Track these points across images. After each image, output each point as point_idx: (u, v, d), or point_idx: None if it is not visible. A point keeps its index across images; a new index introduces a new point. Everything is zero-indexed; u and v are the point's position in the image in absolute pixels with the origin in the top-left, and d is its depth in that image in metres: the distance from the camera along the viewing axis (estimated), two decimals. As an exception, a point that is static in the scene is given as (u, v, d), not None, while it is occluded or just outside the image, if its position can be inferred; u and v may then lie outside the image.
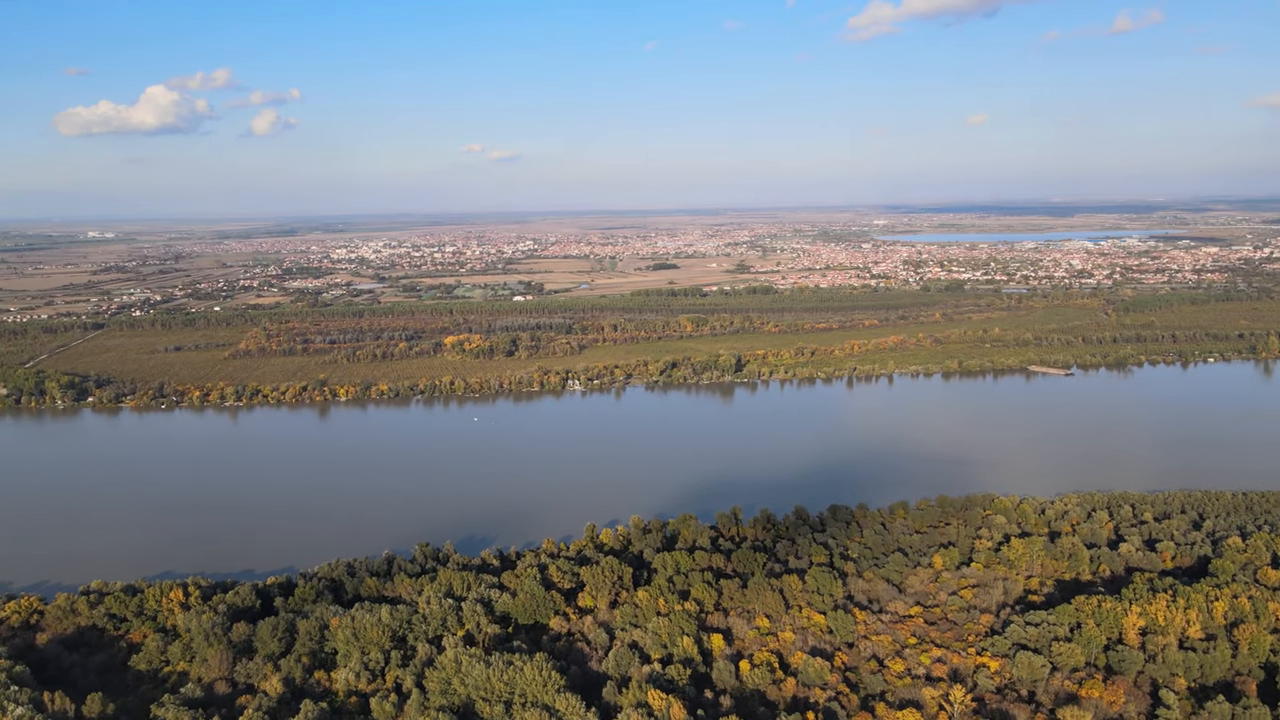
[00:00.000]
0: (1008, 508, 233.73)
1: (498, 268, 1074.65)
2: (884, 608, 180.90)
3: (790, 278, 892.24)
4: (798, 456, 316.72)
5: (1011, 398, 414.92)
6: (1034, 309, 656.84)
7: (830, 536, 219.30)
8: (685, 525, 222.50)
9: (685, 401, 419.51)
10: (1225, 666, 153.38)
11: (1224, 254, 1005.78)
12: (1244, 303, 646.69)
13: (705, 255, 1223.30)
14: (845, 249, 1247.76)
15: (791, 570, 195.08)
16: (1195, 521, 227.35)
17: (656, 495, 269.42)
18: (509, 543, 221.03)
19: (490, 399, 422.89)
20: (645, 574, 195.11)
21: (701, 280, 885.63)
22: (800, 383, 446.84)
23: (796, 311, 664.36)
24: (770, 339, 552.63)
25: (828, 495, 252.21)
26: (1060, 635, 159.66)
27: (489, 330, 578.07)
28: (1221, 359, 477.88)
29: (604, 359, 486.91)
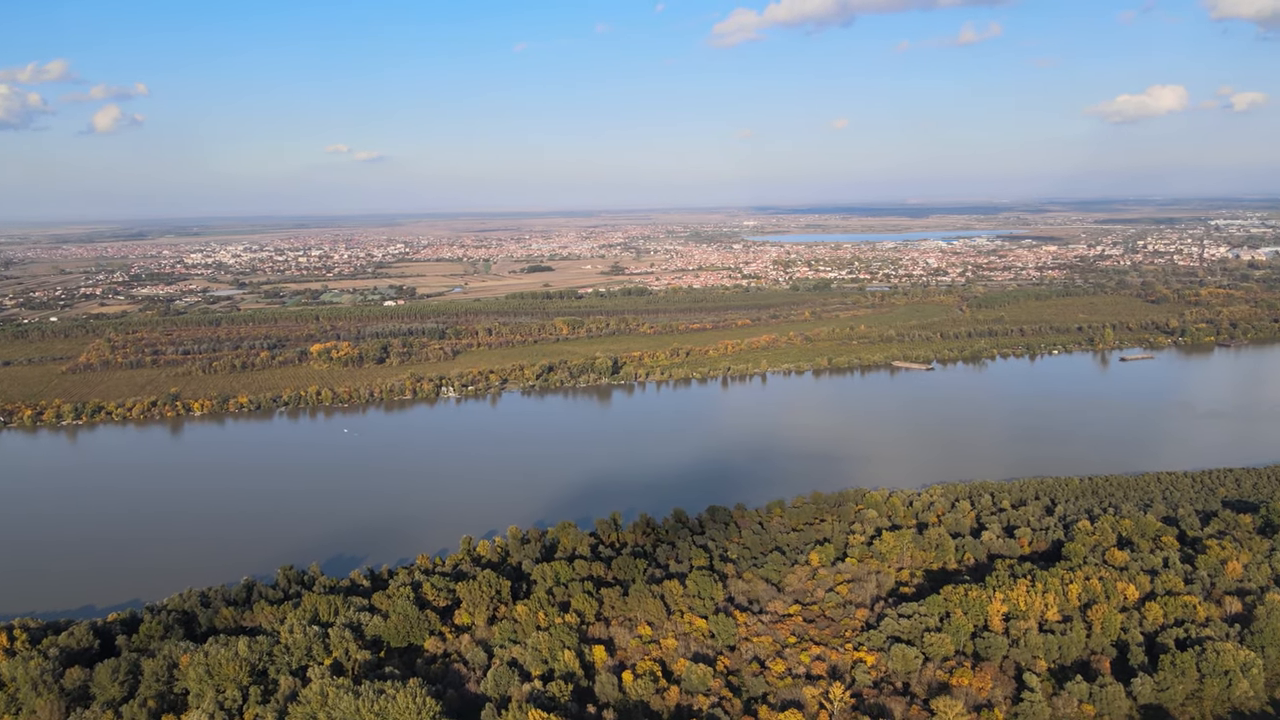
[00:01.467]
0: (878, 502, 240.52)
1: (367, 272, 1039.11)
2: (764, 608, 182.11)
3: (664, 279, 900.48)
4: (676, 458, 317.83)
5: (878, 393, 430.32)
6: (896, 306, 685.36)
7: (710, 538, 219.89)
8: (565, 533, 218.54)
9: (563, 406, 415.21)
10: (1081, 646, 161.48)
11: (1062, 252, 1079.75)
12: (1081, 297, 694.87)
13: (580, 257, 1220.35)
14: (717, 250, 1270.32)
15: (672, 575, 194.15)
16: (1048, 507, 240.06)
17: (536, 503, 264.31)
18: (381, 561, 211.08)
19: (360, 409, 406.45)
20: (524, 586, 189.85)
21: (577, 282, 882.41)
22: (676, 383, 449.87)
23: (671, 312, 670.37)
24: (646, 340, 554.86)
25: (707, 496, 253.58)
26: (931, 625, 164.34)
27: (358, 337, 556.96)
28: (1064, 351, 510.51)
29: (479, 364, 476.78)
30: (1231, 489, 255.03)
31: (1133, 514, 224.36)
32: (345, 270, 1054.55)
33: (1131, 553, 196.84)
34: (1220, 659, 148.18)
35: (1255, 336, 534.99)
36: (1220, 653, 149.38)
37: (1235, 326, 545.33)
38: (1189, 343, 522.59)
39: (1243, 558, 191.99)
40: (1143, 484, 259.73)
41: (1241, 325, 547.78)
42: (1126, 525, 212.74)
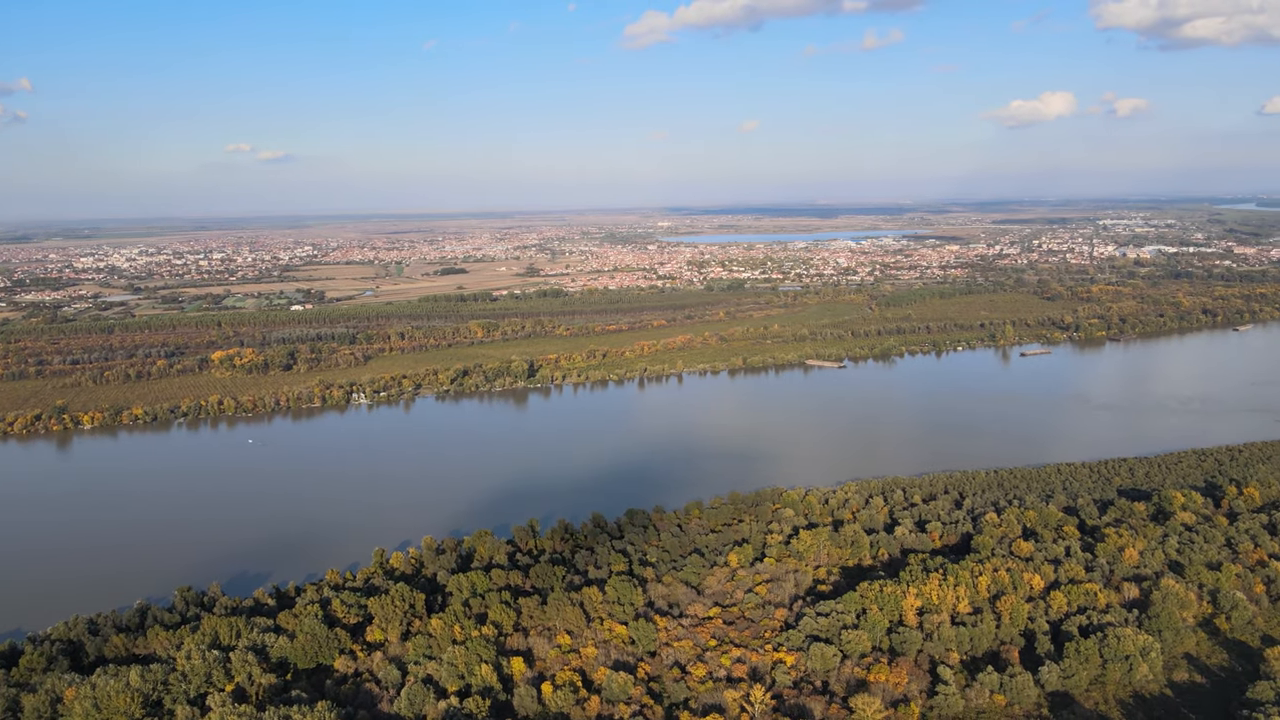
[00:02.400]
0: (795, 500, 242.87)
1: (273, 275, 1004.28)
2: (684, 611, 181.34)
3: (580, 280, 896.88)
4: (594, 461, 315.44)
5: (793, 392, 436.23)
6: (808, 305, 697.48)
7: (629, 542, 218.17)
8: (481, 542, 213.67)
9: (478, 410, 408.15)
10: (991, 637, 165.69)
11: (964, 251, 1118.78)
12: (983, 295, 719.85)
13: (495, 259, 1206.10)
14: (632, 251, 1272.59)
15: (591, 581, 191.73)
16: (957, 500, 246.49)
17: (452, 512, 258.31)
18: (288, 578, 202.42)
19: (266, 418, 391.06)
20: (440, 599, 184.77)
21: (491, 284, 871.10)
22: (593, 385, 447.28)
23: (587, 314, 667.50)
24: (562, 342, 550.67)
25: (626, 499, 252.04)
26: (848, 623, 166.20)
27: (263, 343, 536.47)
28: (968, 347, 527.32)
29: (391, 369, 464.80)
30: (1126, 478, 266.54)
31: (1036, 505, 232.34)
32: (249, 274, 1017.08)
33: (1036, 543, 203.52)
34: (1121, 644, 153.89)
35: (1143, 331, 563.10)
36: (1121, 638, 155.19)
37: (1124, 322, 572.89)
38: (1083, 338, 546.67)
39: (1138, 544, 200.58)
40: (1044, 475, 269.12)
41: (1130, 320, 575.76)
42: (1031, 516, 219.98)
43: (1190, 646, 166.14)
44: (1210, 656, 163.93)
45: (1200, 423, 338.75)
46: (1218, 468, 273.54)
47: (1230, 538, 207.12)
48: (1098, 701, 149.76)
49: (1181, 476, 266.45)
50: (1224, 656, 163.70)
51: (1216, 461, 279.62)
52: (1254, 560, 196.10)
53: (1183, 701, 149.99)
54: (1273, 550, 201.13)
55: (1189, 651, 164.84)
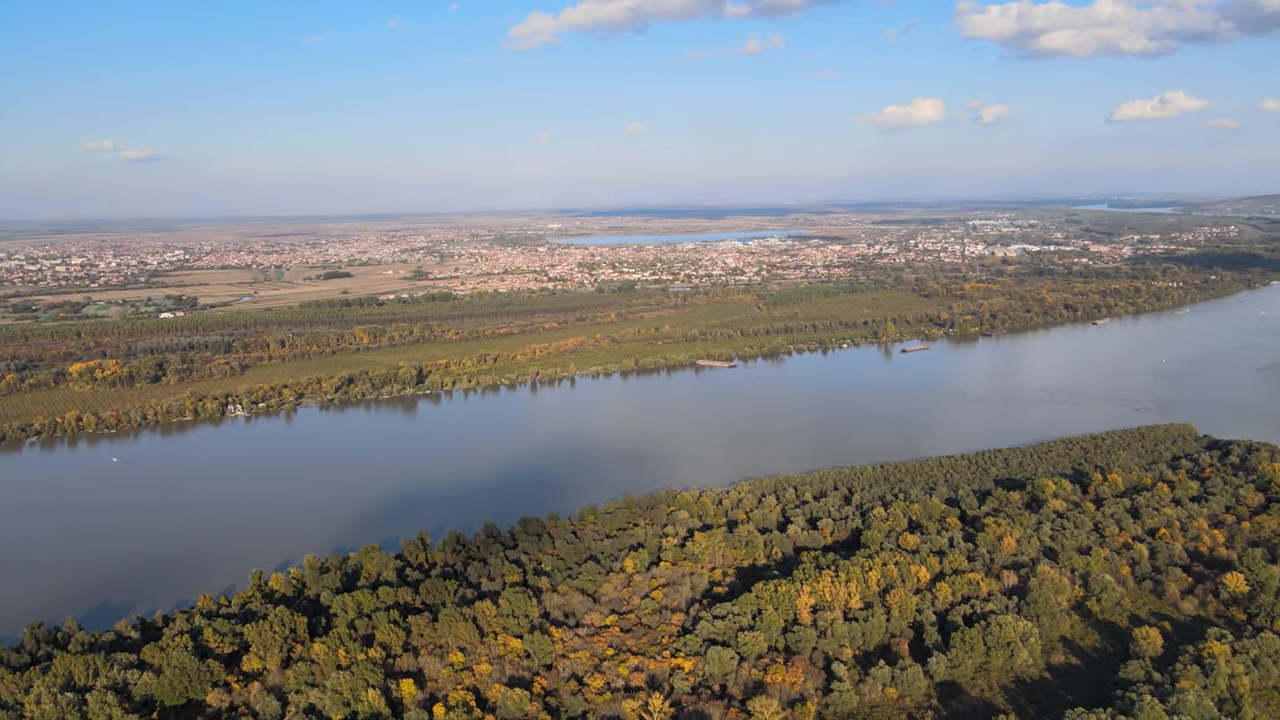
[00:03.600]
0: (689, 502, 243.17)
1: (140, 281, 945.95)
2: (580, 621, 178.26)
3: (469, 283, 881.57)
4: (487, 469, 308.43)
5: (685, 392, 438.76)
6: (698, 306, 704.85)
7: (523, 552, 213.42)
8: (368, 559, 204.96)
9: (365, 419, 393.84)
10: (882, 631, 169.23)
11: (846, 251, 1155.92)
12: (865, 293, 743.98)
13: (381, 262, 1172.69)
14: (522, 253, 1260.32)
15: (485, 595, 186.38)
16: (846, 496, 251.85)
17: (337, 527, 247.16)
18: (154, 607, 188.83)
19: (132, 434, 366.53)
20: (324, 621, 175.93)
21: (378, 288, 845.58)
22: (485, 390, 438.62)
23: (477, 317, 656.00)
24: (452, 347, 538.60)
25: (520, 506, 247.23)
26: (744, 624, 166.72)
27: (129, 354, 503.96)
28: (852, 344, 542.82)
29: (271, 378, 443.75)
30: (1001, 468, 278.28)
31: (921, 498, 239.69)
32: (113, 280, 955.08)
33: (921, 536, 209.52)
34: (1003, 631, 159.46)
35: (1012, 326, 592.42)
36: (1002, 625, 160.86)
37: (995, 317, 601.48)
38: (958, 333, 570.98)
39: (1015, 533, 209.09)
40: (927, 469, 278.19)
41: (1000, 316, 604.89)
42: (916, 510, 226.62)
43: (1065, 630, 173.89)
44: (1084, 638, 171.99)
45: (1066, 413, 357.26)
46: (1084, 455, 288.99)
47: (1098, 522, 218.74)
48: (983, 689, 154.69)
49: (1052, 465, 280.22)
50: (1096, 638, 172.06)
51: (1082, 449, 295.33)
52: (1120, 543, 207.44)
53: (1060, 684, 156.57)
54: (1136, 533, 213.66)
55: (1064, 634, 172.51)
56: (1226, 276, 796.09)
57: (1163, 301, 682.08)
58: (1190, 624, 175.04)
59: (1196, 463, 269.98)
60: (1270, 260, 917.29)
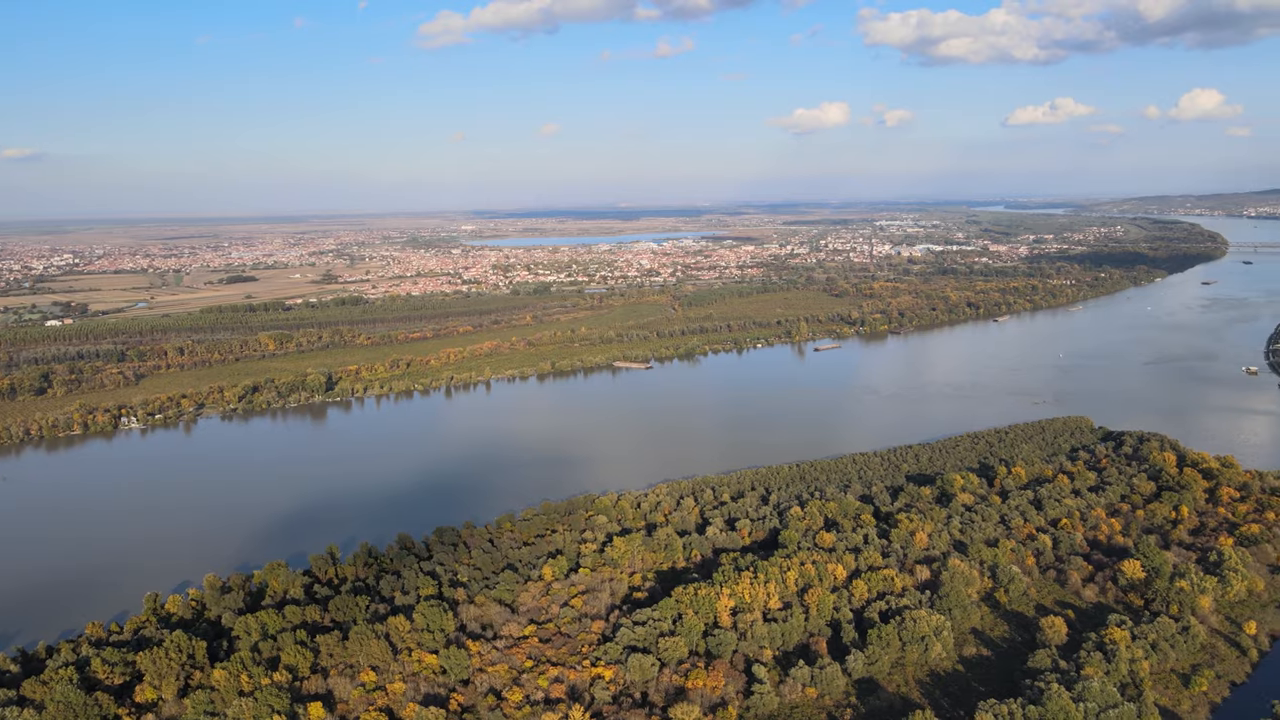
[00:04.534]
0: (608, 506, 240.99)
1: (24, 287, 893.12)
2: (498, 633, 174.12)
3: (381, 286, 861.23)
4: (401, 478, 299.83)
5: (602, 394, 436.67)
6: (614, 307, 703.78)
7: (438, 563, 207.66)
8: (274, 576, 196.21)
9: (271, 429, 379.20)
10: (801, 630, 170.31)
11: (759, 251, 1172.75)
12: (778, 293, 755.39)
13: (288, 265, 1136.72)
14: (436, 255, 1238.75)
15: (399, 609, 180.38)
16: (764, 496, 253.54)
17: (240, 544, 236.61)
18: (36, 638, 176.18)
19: (13, 450, 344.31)
20: (225, 645, 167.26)
21: (285, 293, 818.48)
22: (398, 396, 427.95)
23: (389, 321, 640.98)
24: (363, 352, 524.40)
25: (435, 516, 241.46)
26: (665, 629, 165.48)
27: (10, 364, 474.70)
28: (766, 344, 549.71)
29: (169, 388, 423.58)
30: (912, 464, 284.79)
31: (836, 496, 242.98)
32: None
33: (838, 534, 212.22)
34: (917, 626, 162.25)
35: (919, 324, 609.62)
36: (917, 620, 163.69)
37: (903, 316, 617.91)
38: (868, 332, 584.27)
39: (927, 527, 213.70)
40: (842, 466, 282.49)
41: (908, 314, 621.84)
42: (831, 508, 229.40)
43: (976, 621, 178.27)
44: (994, 629, 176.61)
45: (972, 407, 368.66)
46: (989, 449, 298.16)
47: (1004, 515, 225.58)
48: (899, 684, 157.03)
49: (960, 459, 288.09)
50: (1005, 628, 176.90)
51: (988, 443, 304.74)
52: (1024, 534, 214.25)
53: (973, 675, 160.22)
54: (1039, 524, 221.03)
55: (975, 626, 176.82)
56: (1115, 274, 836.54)
57: (1058, 299, 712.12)
58: (1092, 611, 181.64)
59: (1093, 454, 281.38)
60: (1154, 259, 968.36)
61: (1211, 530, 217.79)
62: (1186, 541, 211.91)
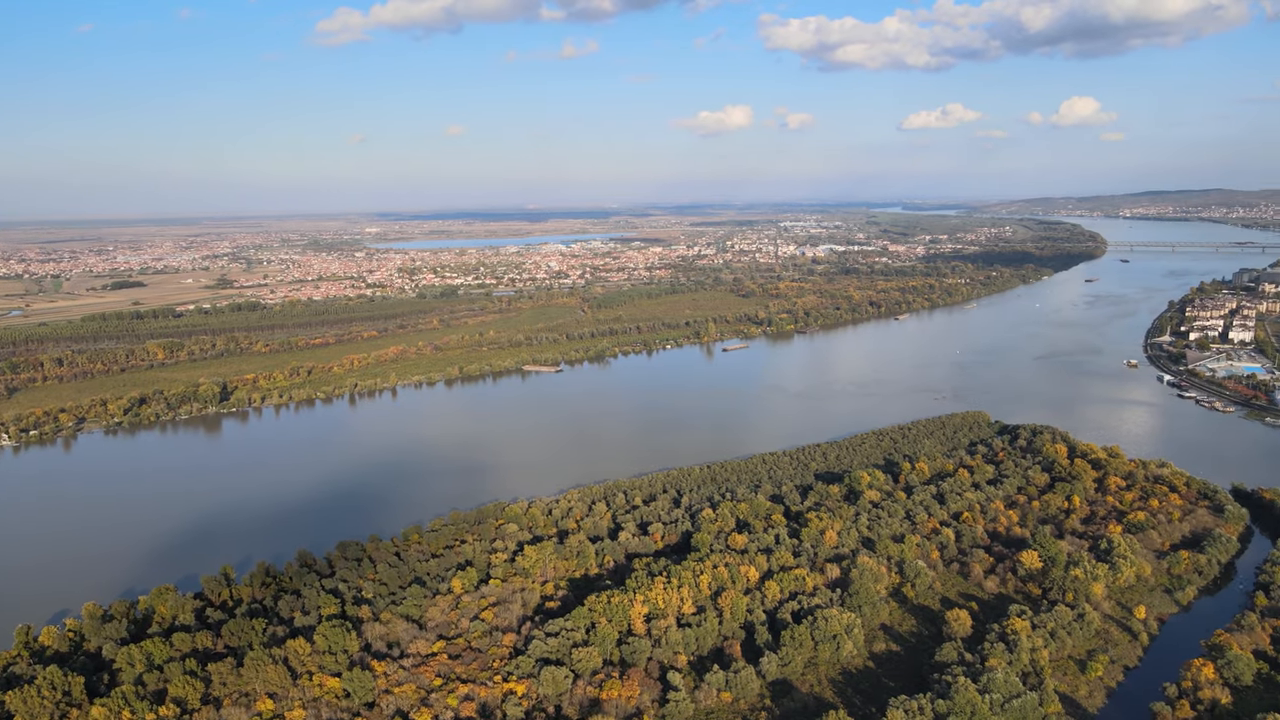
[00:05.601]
0: (519, 514, 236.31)
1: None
2: (405, 651, 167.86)
3: (280, 291, 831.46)
4: (301, 491, 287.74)
5: (512, 399, 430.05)
6: (523, 310, 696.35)
7: (341, 580, 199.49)
8: (162, 601, 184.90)
9: (160, 443, 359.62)
10: (715, 635, 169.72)
11: (667, 253, 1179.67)
12: (686, 294, 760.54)
13: (179, 270, 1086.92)
14: (338, 258, 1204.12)
15: (298, 631, 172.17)
16: (676, 499, 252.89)
17: (125, 568, 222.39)
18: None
19: None
20: (106, 679, 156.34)
21: (176, 299, 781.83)
22: (299, 406, 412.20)
23: (289, 327, 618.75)
24: (261, 360, 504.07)
25: (338, 531, 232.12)
26: (578, 640, 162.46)
27: None
28: (676, 345, 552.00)
29: (45, 402, 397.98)
30: (820, 462, 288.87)
31: (747, 496, 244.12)
32: None
33: (749, 535, 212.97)
34: (829, 625, 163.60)
35: (824, 323, 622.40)
36: (828, 619, 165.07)
37: (809, 315, 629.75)
38: (775, 331, 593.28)
39: (836, 525, 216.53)
40: (752, 466, 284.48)
41: (813, 314, 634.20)
42: (743, 509, 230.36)
43: (885, 617, 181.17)
44: (902, 624, 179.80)
45: (877, 405, 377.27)
46: (894, 445, 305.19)
47: (909, 510, 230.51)
48: (812, 684, 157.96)
49: (866, 456, 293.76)
50: (913, 623, 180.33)
51: (892, 440, 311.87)
52: (929, 529, 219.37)
53: (883, 672, 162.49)
54: (943, 518, 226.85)
55: (884, 622, 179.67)
56: (1006, 272, 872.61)
57: (953, 297, 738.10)
58: (994, 602, 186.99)
59: (991, 447, 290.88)
60: (1040, 258, 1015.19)
61: (1101, 519, 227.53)
62: (1079, 530, 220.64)
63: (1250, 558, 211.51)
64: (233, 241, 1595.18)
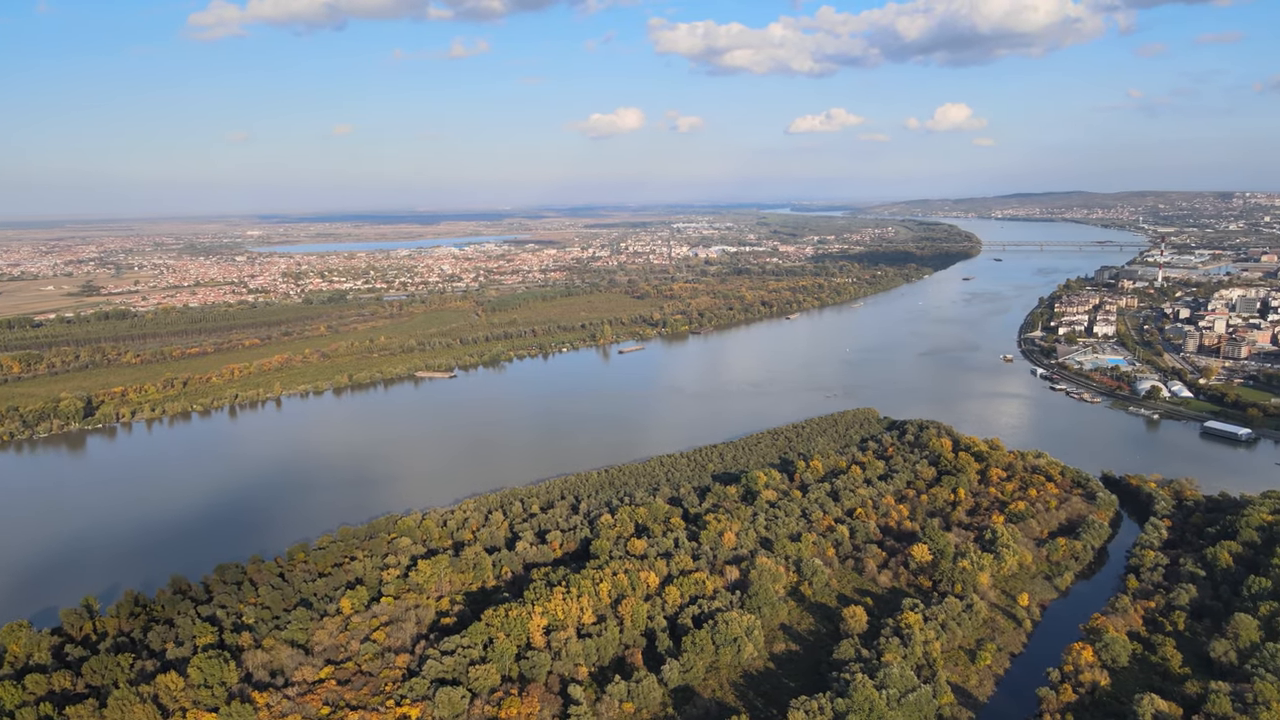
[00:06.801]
0: (412, 527, 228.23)
1: None
2: (290, 679, 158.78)
3: (153, 298, 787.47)
4: (176, 512, 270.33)
5: (404, 407, 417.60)
6: (415, 315, 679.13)
7: (219, 606, 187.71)
8: (13, 639, 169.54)
9: (13, 466, 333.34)
10: (616, 644, 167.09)
11: (561, 255, 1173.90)
12: (581, 297, 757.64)
13: (39, 276, 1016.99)
14: (218, 263, 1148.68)
15: (171, 664, 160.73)
16: (574, 505, 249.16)
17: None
18: None
19: None
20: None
21: (34, 307, 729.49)
22: (173, 419, 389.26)
23: (163, 336, 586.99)
24: (132, 372, 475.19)
25: (216, 553, 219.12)
26: (475, 657, 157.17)
27: None
28: (572, 348, 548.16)
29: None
30: (718, 463, 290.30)
31: (645, 500, 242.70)
32: None
33: (649, 539, 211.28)
34: (729, 628, 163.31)
35: (718, 323, 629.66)
36: (729, 622, 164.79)
37: (703, 316, 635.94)
38: (670, 332, 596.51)
39: (735, 526, 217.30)
40: (650, 469, 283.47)
41: (707, 314, 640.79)
42: (642, 513, 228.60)
43: (784, 617, 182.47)
44: (800, 623, 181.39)
45: (772, 404, 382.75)
46: (788, 444, 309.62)
47: (805, 509, 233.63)
48: (715, 689, 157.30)
49: (762, 456, 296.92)
50: (811, 621, 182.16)
51: (787, 439, 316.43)
52: (824, 526, 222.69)
53: (783, 672, 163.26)
54: (837, 515, 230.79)
55: (784, 622, 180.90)
56: (890, 271, 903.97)
57: (841, 296, 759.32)
58: (888, 596, 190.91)
59: (881, 443, 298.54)
60: (922, 257, 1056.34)
61: (985, 509, 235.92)
62: (965, 522, 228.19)
63: (1121, 541, 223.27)
64: (100, 246, 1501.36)
